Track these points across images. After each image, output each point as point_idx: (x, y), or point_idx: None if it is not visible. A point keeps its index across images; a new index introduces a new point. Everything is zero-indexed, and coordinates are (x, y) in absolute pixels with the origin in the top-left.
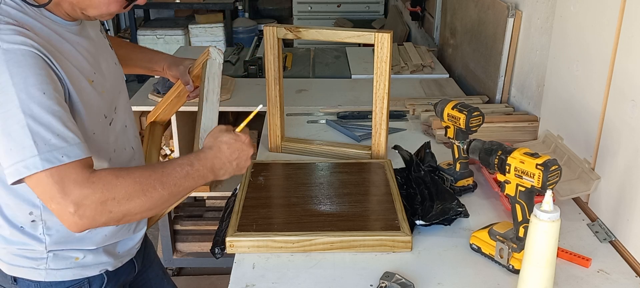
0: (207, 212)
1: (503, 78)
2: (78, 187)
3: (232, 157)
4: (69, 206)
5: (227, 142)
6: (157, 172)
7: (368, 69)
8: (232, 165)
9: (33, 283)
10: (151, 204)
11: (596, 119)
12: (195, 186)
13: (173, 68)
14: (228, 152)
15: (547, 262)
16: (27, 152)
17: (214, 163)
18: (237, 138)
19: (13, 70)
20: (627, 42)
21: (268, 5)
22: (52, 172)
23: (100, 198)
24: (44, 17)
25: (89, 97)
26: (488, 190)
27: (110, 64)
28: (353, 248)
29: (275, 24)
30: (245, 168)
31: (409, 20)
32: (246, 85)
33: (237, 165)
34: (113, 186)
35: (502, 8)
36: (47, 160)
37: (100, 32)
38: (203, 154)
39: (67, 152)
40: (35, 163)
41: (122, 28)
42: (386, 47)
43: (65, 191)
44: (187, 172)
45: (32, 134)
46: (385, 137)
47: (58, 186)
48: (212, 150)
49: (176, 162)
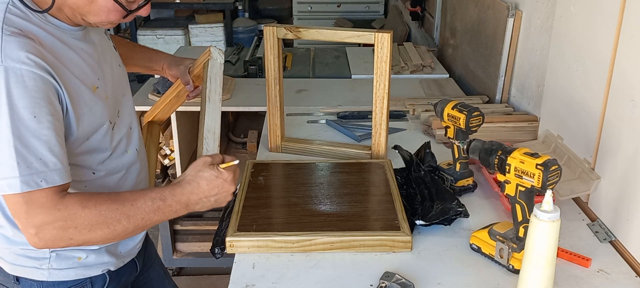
0: (207, 212)
1: (503, 78)
2: (43, 212)
3: (210, 193)
4: (30, 228)
5: (208, 179)
6: (126, 205)
7: (368, 69)
8: (210, 200)
9: (36, 283)
10: (113, 236)
11: (596, 119)
12: (164, 219)
13: (173, 67)
14: (207, 188)
15: (547, 262)
16: (9, 171)
17: (190, 199)
18: (218, 175)
19: (10, 91)
20: (627, 42)
21: (268, 5)
22: (25, 195)
23: (62, 226)
24: (48, 23)
25: (91, 105)
26: (488, 190)
27: (115, 67)
28: (353, 248)
29: (275, 24)
30: (225, 202)
31: (409, 20)
32: (246, 85)
33: (216, 200)
34: (77, 216)
35: (502, 8)
36: (26, 183)
37: (105, 34)
38: (179, 189)
39: (46, 177)
40: (15, 184)
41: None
42: (386, 47)
43: (30, 214)
44: (157, 207)
45: (16, 155)
46: (385, 137)
47: (25, 207)
48: (190, 185)
49: (148, 195)
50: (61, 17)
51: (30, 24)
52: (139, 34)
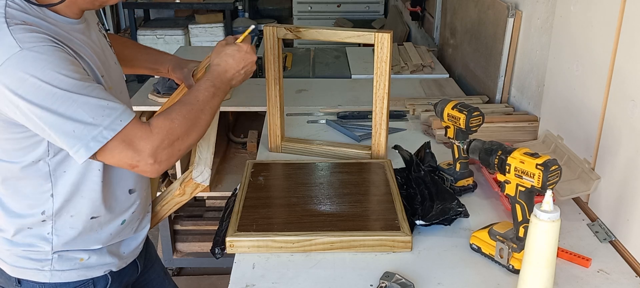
0: (207, 212)
1: (503, 78)
2: (147, 141)
3: (239, 66)
4: (148, 159)
5: (232, 54)
6: (194, 103)
7: (368, 69)
8: (241, 73)
9: (38, 285)
10: (201, 131)
11: (596, 119)
12: (221, 101)
13: (177, 70)
14: (234, 63)
15: (547, 262)
16: (90, 128)
17: (226, 76)
18: (239, 48)
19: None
20: (627, 41)
21: (268, 5)
22: (119, 137)
23: (168, 143)
24: (47, 17)
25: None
26: (488, 190)
27: (112, 64)
28: (353, 248)
29: (275, 24)
30: (251, 72)
31: (409, 20)
32: (246, 85)
33: (245, 72)
34: (172, 130)
35: (502, 8)
36: (111, 128)
37: (100, 31)
38: (216, 71)
39: (120, 116)
40: (103, 134)
41: (122, 28)
42: (386, 47)
43: (138, 149)
44: (213, 93)
45: (87, 111)
46: (385, 137)
47: (131, 146)
48: (221, 66)
49: (202, 87)
50: (60, 9)
51: (30, 16)
52: (139, 33)
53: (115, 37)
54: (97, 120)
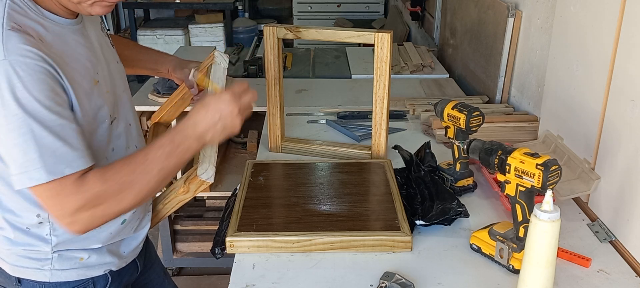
0: (207, 212)
1: (503, 78)
2: (72, 198)
3: (214, 118)
4: (66, 217)
5: (206, 104)
6: (140, 164)
7: (368, 69)
8: (216, 128)
9: (37, 284)
10: (142, 196)
11: (596, 119)
12: (182, 161)
13: (178, 71)
14: (207, 114)
15: (547, 262)
16: (32, 163)
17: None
18: (218, 98)
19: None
20: (627, 42)
21: (268, 5)
22: (51, 185)
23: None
24: (46, 19)
25: (92, 99)
26: (488, 190)
27: (112, 63)
28: (353, 248)
29: (275, 24)
30: (234, 126)
31: (409, 20)
32: None
33: (223, 126)
34: (101, 193)
35: (502, 8)
36: (52, 172)
37: (101, 30)
38: (183, 124)
39: (67, 164)
40: (40, 175)
41: (122, 28)
42: (386, 47)
43: (62, 204)
44: (169, 152)
45: (38, 146)
46: (385, 137)
47: (56, 199)
48: (191, 118)
49: (157, 144)
50: (57, 9)
51: (30, 20)
52: (139, 33)
53: (116, 38)
54: (43, 159)
